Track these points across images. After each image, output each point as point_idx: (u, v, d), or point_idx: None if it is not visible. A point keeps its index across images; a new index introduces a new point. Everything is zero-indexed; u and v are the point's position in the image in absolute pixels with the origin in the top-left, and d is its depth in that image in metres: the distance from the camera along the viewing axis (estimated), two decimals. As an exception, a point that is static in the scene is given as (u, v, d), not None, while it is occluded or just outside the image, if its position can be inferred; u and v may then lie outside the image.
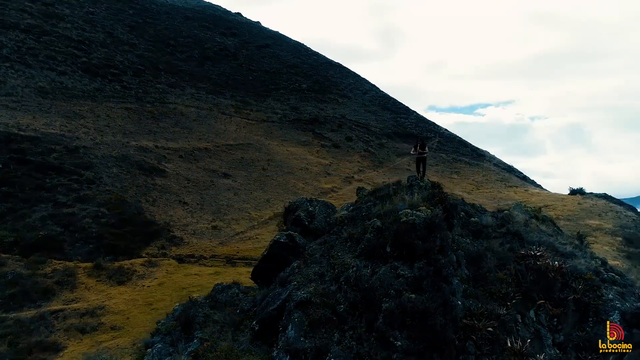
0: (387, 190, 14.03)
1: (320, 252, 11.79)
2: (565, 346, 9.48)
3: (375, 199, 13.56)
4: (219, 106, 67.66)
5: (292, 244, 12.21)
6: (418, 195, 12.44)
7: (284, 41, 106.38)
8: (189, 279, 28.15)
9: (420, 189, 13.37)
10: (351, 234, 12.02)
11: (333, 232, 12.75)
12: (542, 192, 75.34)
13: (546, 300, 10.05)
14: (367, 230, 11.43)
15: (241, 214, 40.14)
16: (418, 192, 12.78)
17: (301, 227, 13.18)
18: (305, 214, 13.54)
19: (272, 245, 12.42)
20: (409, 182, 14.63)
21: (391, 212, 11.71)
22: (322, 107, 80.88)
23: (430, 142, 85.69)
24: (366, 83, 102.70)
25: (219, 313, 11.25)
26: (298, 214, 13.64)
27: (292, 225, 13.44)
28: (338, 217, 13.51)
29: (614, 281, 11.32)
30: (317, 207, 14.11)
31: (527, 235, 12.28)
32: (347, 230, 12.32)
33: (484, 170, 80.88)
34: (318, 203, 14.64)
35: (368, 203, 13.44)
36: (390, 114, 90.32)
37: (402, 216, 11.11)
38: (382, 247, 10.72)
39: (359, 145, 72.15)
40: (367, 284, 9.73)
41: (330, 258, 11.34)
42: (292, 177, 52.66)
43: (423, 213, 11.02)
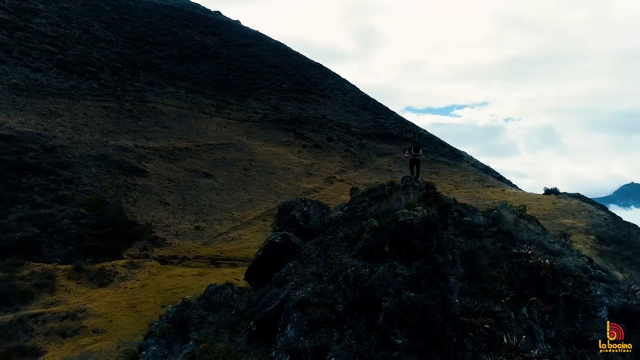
0: (382, 190, 14.17)
1: (317, 252, 11.84)
2: (556, 341, 9.82)
3: (371, 199, 13.70)
4: (199, 105, 66.94)
5: (287, 244, 12.22)
6: (414, 196, 12.63)
7: (264, 41, 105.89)
8: (173, 280, 27.81)
9: (415, 189, 13.57)
10: (347, 234, 12.12)
11: (328, 232, 12.81)
12: (518, 192, 77.03)
13: (538, 297, 10.39)
14: (365, 230, 11.55)
15: (224, 214, 39.84)
16: (413, 193, 12.98)
17: (296, 228, 13.20)
18: (300, 214, 13.56)
19: (267, 246, 12.40)
20: (404, 183, 14.82)
21: (388, 212, 11.85)
22: (303, 107, 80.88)
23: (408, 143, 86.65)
24: (346, 83, 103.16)
25: (214, 314, 11.16)
26: (293, 214, 13.66)
27: (287, 226, 13.45)
28: (333, 217, 13.59)
29: (600, 278, 11.77)
30: (312, 207, 14.15)
31: (517, 234, 12.65)
32: (343, 230, 12.42)
33: (462, 170, 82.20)
34: (312, 203, 14.69)
35: (363, 203, 13.56)
36: (370, 115, 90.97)
37: (399, 216, 11.27)
38: (380, 246, 10.85)
39: (340, 146, 72.44)
40: (366, 284, 9.84)
41: (327, 258, 11.41)
42: (274, 177, 52.54)
43: (420, 213, 11.21)
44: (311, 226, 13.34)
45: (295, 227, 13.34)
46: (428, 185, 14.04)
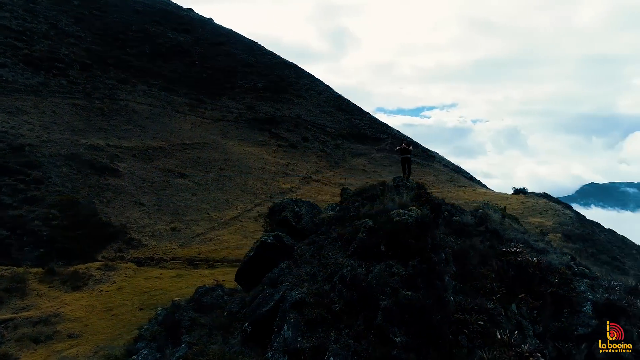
0: (374, 190, 14.32)
1: (310, 253, 11.87)
2: (544, 336, 10.19)
3: (363, 199, 13.83)
4: (173, 104, 65.76)
5: (279, 245, 12.18)
6: (406, 196, 12.83)
7: (238, 39, 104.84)
8: (150, 282, 27.26)
9: (407, 189, 13.78)
10: (341, 233, 12.20)
11: (321, 232, 12.86)
12: (488, 191, 79.01)
13: (527, 293, 10.76)
14: (359, 230, 11.65)
15: (200, 214, 39.31)
16: (406, 193, 13.18)
17: (288, 228, 13.18)
18: (292, 215, 13.55)
19: (258, 246, 12.33)
20: (395, 183, 15.00)
21: (382, 212, 12.01)
22: (278, 107, 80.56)
23: (383, 144, 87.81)
24: (320, 84, 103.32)
25: (206, 316, 11.02)
26: (285, 214, 13.63)
27: (278, 226, 13.40)
28: (325, 217, 13.64)
29: (583, 274, 12.28)
30: (303, 208, 14.15)
31: (504, 233, 13.04)
32: (336, 231, 12.48)
33: (435, 170, 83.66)
34: (304, 203, 14.69)
35: (355, 203, 13.68)
36: (344, 115, 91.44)
37: (394, 216, 11.44)
38: (376, 246, 10.98)
39: (315, 146, 72.55)
40: (364, 283, 9.95)
41: (322, 258, 11.46)
42: (250, 177, 52.17)
43: (414, 213, 11.41)
44: (303, 226, 13.36)
45: (287, 227, 13.32)
46: (419, 186, 14.29)
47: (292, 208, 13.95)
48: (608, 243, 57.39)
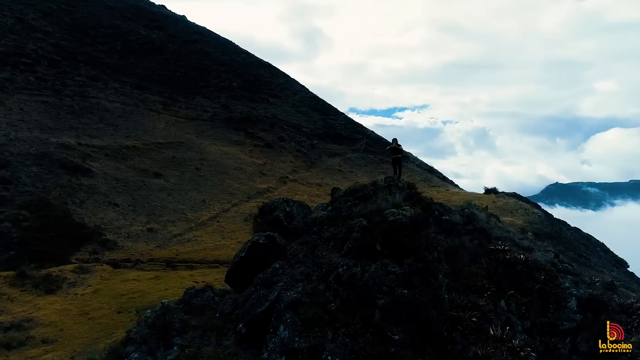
0: (366, 190, 14.42)
1: (304, 253, 11.86)
2: (532, 331, 10.54)
3: (355, 199, 13.91)
4: (146, 102, 64.42)
5: (271, 245, 12.12)
6: (399, 196, 12.99)
7: (212, 37, 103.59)
8: (128, 285, 26.66)
9: (399, 189, 13.95)
10: (334, 233, 12.23)
11: (313, 232, 12.86)
12: (461, 191, 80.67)
13: (515, 290, 11.10)
14: (354, 229, 11.72)
15: (177, 215, 38.68)
16: (399, 193, 13.34)
17: (279, 228, 13.11)
18: (283, 215, 13.51)
19: (250, 247, 12.23)
20: (387, 183, 15.16)
21: (376, 211, 12.12)
22: (253, 107, 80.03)
23: (358, 144, 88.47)
24: (296, 84, 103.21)
25: (197, 318, 10.86)
26: (277, 214, 13.58)
27: (270, 226, 13.32)
28: (317, 217, 13.65)
29: (567, 271, 12.75)
30: (294, 208, 14.13)
31: (490, 232, 13.39)
32: (329, 230, 12.51)
33: (409, 170, 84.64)
34: (294, 203, 14.66)
35: (348, 203, 13.73)
36: (320, 115, 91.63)
37: (389, 215, 11.57)
38: (371, 245, 11.07)
39: (291, 146, 72.42)
40: (360, 282, 10.03)
41: (316, 258, 11.46)
42: (226, 177, 51.66)
43: (408, 212, 11.58)
44: (295, 226, 13.36)
45: (279, 227, 13.29)
46: (410, 186, 14.49)
47: (283, 208, 13.93)
48: (574, 241, 59.57)
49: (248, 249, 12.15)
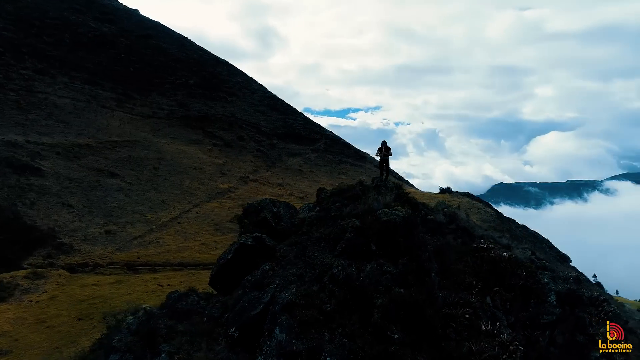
0: (354, 190, 14.47)
1: (294, 254, 11.74)
2: (515, 325, 11.02)
3: (343, 199, 13.91)
4: (98, 98, 61.60)
5: (259, 246, 11.89)
6: (389, 196, 13.15)
7: (167, 33, 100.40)
8: (87, 290, 25.43)
9: (388, 190, 14.11)
10: (324, 234, 12.20)
11: (302, 232, 12.76)
12: (417, 191, 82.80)
13: (500, 287, 11.55)
14: (346, 229, 11.75)
15: (136, 216, 37.29)
16: (389, 193, 13.50)
17: (267, 229, 12.89)
18: (271, 215, 13.27)
19: (237, 249, 11.94)
20: (375, 183, 15.28)
21: (368, 211, 12.20)
22: (211, 105, 78.44)
23: (317, 144, 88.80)
24: (254, 82, 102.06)
25: (184, 323, 10.48)
26: (264, 215, 13.31)
27: (256, 227, 13.07)
28: (305, 217, 13.54)
29: (544, 267, 13.44)
30: (281, 208, 13.93)
31: (472, 230, 13.84)
32: (318, 231, 12.47)
33: (367, 171, 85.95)
34: (281, 204, 14.44)
35: (336, 203, 13.71)
36: (279, 115, 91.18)
37: (382, 216, 11.69)
38: (365, 245, 11.14)
39: (251, 145, 71.63)
40: (357, 282, 10.08)
41: (307, 259, 11.39)
42: (186, 177, 50.37)
43: (401, 212, 11.75)
44: (283, 227, 13.18)
45: (266, 228, 13.08)
46: (397, 186, 14.70)
47: (270, 208, 13.71)
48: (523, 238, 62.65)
49: (235, 251, 11.86)
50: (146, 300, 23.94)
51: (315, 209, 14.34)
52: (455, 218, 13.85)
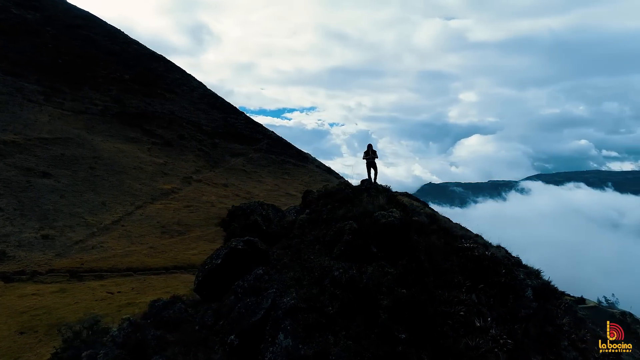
0: (344, 193, 14.44)
1: (289, 257, 11.55)
2: (497, 320, 11.66)
3: (334, 201, 13.85)
4: (23, 91, 56.73)
5: (251, 250, 11.55)
6: (382, 199, 13.30)
7: (98, 24, 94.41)
8: (27, 300, 23.43)
9: (379, 192, 14.25)
10: (317, 236, 12.10)
11: (294, 235, 12.55)
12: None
13: (484, 284, 12.16)
14: (344, 232, 11.74)
15: (74, 219, 34.86)
16: (381, 196, 13.65)
17: (257, 232, 12.52)
18: (261, 219, 12.91)
19: (227, 253, 11.49)
20: (364, 186, 15.36)
21: (364, 214, 12.26)
22: (149, 102, 75.01)
23: (260, 144, 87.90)
24: (193, 80, 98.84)
25: (175, 333, 9.95)
26: (255, 218, 12.91)
27: (245, 231, 12.65)
28: (295, 220, 13.33)
29: (519, 264, 14.31)
30: (270, 211, 13.59)
31: (452, 231, 14.41)
32: (311, 234, 12.34)
33: (310, 171, 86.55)
34: (269, 207, 14.10)
35: (327, 206, 13.62)
36: (220, 113, 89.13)
37: (380, 218, 11.83)
38: (365, 247, 11.21)
39: (192, 144, 69.44)
40: (361, 284, 10.14)
41: (304, 262, 11.25)
42: (126, 177, 47.83)
43: (397, 214, 11.96)
44: (273, 230, 12.91)
45: (257, 231, 12.74)
46: (385, 189, 14.92)
47: (260, 211, 13.36)
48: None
49: (225, 256, 11.43)
50: (97, 310, 22.52)
51: (305, 211, 14.23)
52: (436, 219, 14.42)
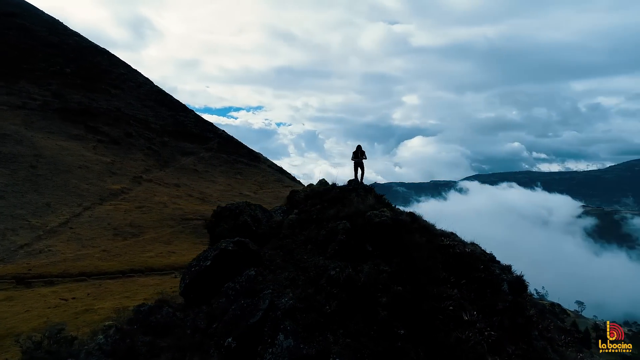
0: (333, 193, 14.42)
1: (281, 258, 11.42)
2: (478, 314, 12.21)
3: (323, 201, 13.80)
4: (-49, 83, 52.16)
5: (242, 251, 11.29)
6: (371, 199, 13.44)
7: (35, 13, 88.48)
8: (-29, 310, 21.62)
9: (367, 192, 14.37)
10: (309, 236, 12.06)
11: (284, 235, 12.42)
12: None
13: (466, 280, 12.67)
14: (337, 231, 11.77)
15: (17, 222, 32.62)
16: (370, 196, 13.78)
17: (247, 233, 12.24)
18: (251, 219, 12.62)
19: (217, 255, 11.15)
20: (352, 186, 15.43)
21: (356, 214, 12.35)
22: (93, 97, 71.31)
23: (210, 143, 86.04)
24: (139, 75, 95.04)
25: (166, 338, 9.55)
26: (244, 219, 12.58)
27: (235, 232, 12.32)
28: (284, 220, 13.17)
29: (493, 260, 15.01)
30: (258, 211, 13.32)
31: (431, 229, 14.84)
32: (302, 233, 12.27)
33: (262, 171, 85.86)
34: (257, 207, 13.80)
35: (317, 206, 13.57)
36: (168, 111, 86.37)
37: (374, 217, 11.97)
38: (360, 246, 11.30)
39: (140, 143, 66.81)
40: (359, 283, 10.24)
41: (297, 262, 11.17)
42: (71, 177, 45.27)
43: (388, 214, 12.15)
44: (263, 231, 12.70)
45: (246, 232, 12.48)
46: (371, 189, 15.09)
47: (249, 212, 13.07)
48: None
49: (214, 257, 11.12)
50: (51, 317, 21.24)
51: (294, 211, 14.15)
52: (416, 218, 14.87)
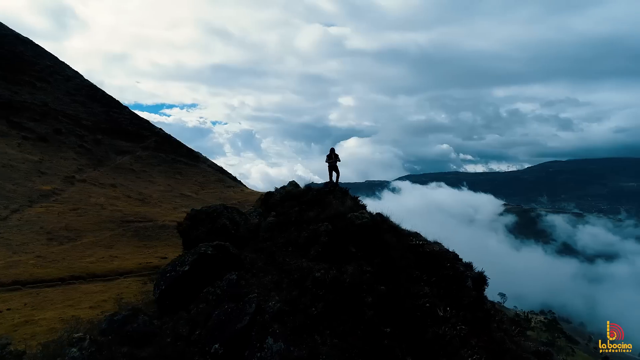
0: (309, 195, 14.31)
1: (263, 261, 11.19)
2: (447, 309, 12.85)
3: (301, 204, 13.64)
4: None
5: (222, 255, 10.93)
6: (350, 201, 13.52)
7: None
8: None
9: (343, 194, 14.42)
10: (289, 239, 11.91)
11: (263, 238, 12.16)
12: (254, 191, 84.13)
13: (435, 277, 13.24)
14: (319, 233, 11.72)
15: None
16: (348, 199, 13.85)
17: (226, 237, 11.83)
18: (230, 222, 12.21)
19: (196, 259, 10.70)
20: (328, 188, 15.37)
21: (337, 216, 12.36)
22: (15, 90, 65.86)
23: (147, 142, 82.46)
24: (67, 68, 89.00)
25: (146, 348, 9.09)
26: (223, 222, 12.13)
27: (213, 235, 11.86)
28: (262, 223, 12.88)
29: (457, 258, 15.75)
30: (235, 214, 12.91)
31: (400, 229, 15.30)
32: (282, 236, 12.11)
33: (202, 171, 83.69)
34: (233, 210, 13.35)
35: (294, 208, 13.38)
36: (101, 107, 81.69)
37: (355, 219, 12.07)
38: (343, 248, 11.36)
39: (71, 140, 62.73)
40: (345, 284, 10.32)
41: (280, 265, 11.00)
42: (-6, 177, 41.62)
43: (368, 215, 12.32)
44: (242, 234, 12.39)
45: (225, 236, 12.10)
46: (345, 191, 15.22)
47: (227, 215, 12.67)
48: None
49: (193, 262, 10.69)
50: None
51: (271, 214, 13.93)
52: (385, 218, 15.30)
